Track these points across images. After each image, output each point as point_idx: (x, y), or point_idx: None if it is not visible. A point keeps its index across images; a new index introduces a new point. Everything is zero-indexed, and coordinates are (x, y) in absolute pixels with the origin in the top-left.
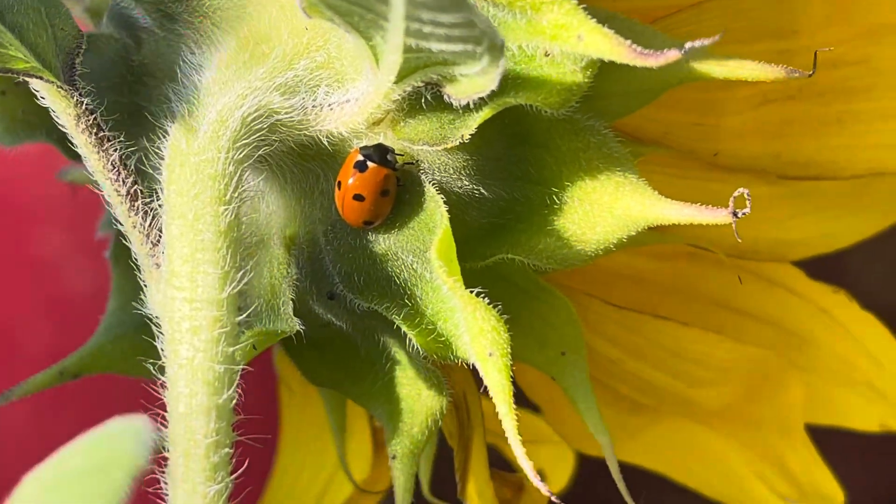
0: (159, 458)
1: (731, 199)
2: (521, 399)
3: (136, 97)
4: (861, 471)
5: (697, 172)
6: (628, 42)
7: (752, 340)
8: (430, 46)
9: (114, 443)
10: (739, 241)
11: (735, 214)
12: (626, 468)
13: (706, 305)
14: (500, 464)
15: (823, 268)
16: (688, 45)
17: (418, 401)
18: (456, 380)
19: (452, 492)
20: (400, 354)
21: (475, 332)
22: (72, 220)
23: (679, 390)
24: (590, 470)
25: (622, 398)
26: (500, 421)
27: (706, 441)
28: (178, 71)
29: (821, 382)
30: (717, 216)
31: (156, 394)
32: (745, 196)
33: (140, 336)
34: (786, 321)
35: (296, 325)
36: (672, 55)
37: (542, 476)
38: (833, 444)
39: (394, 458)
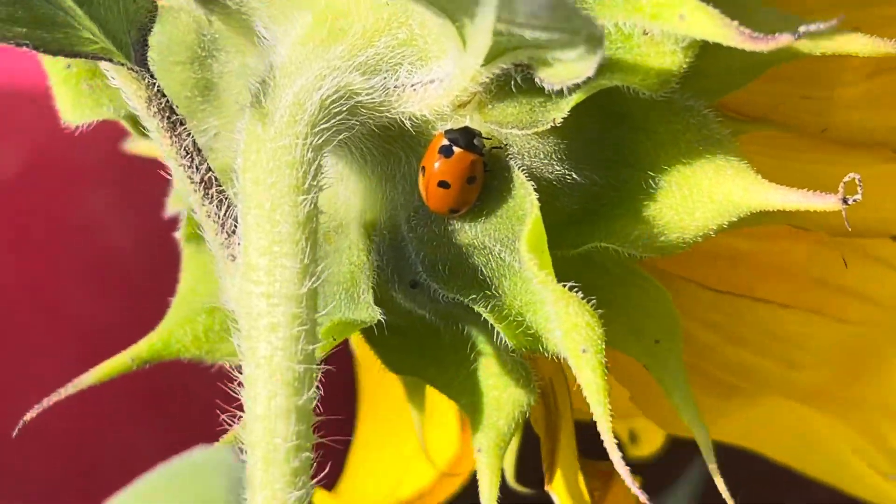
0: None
1: (842, 184)
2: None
3: (207, 73)
4: None
5: (805, 153)
6: (735, 23)
7: (855, 319)
8: (521, 33)
9: (202, 477)
10: (849, 228)
11: (845, 201)
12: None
13: (806, 285)
14: (589, 452)
15: None
16: (802, 28)
17: (504, 393)
18: (542, 365)
19: (538, 479)
20: (485, 344)
21: (568, 327)
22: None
23: (778, 373)
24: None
25: (718, 382)
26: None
27: (804, 418)
28: (252, 48)
29: None
30: (826, 202)
31: (233, 393)
32: (857, 182)
33: (213, 320)
34: (889, 299)
35: (377, 314)
36: (784, 39)
37: (635, 437)
38: None
39: (479, 451)
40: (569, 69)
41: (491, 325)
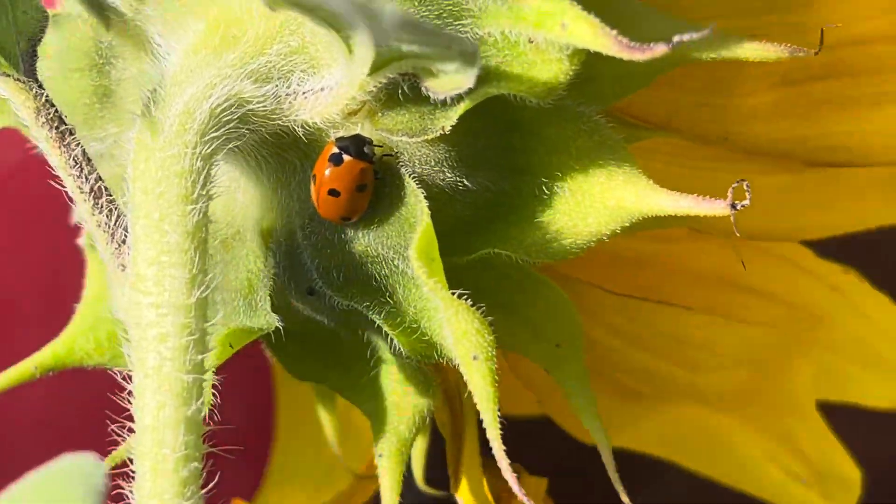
0: (126, 472)
1: (730, 189)
2: None
3: (105, 80)
4: (877, 447)
5: (707, 161)
6: (614, 33)
7: (760, 320)
8: (398, 46)
9: (64, 485)
10: (737, 232)
11: (734, 206)
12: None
13: (711, 285)
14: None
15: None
16: (675, 38)
17: (405, 398)
18: (448, 370)
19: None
20: (385, 350)
21: (458, 334)
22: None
23: (684, 378)
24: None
25: (622, 387)
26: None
27: (713, 424)
28: (146, 56)
29: (833, 360)
30: (714, 207)
31: (123, 405)
32: (745, 188)
33: (116, 327)
34: (796, 299)
35: (274, 321)
36: (659, 49)
37: None
38: (844, 421)
39: (380, 456)
40: (450, 80)
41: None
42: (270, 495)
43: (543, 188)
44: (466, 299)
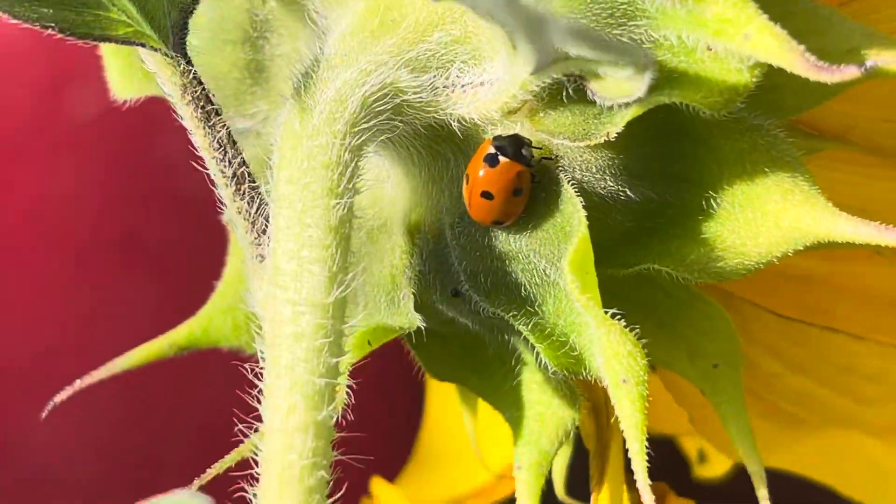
0: (249, 475)
1: None
2: None
3: (258, 54)
4: None
5: (882, 171)
6: (801, 49)
7: None
8: (565, 51)
9: None
10: None
11: None
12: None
13: (885, 311)
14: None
15: None
16: (869, 63)
17: (549, 409)
18: (596, 382)
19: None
20: (530, 359)
21: (609, 355)
22: None
23: (848, 407)
24: None
25: (780, 411)
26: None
27: (876, 453)
28: (301, 33)
29: None
30: None
31: (251, 404)
32: None
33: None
34: None
35: (416, 321)
36: (849, 73)
37: (704, 457)
38: None
39: (519, 468)
40: (619, 86)
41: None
42: (409, 481)
43: (711, 202)
44: (620, 319)
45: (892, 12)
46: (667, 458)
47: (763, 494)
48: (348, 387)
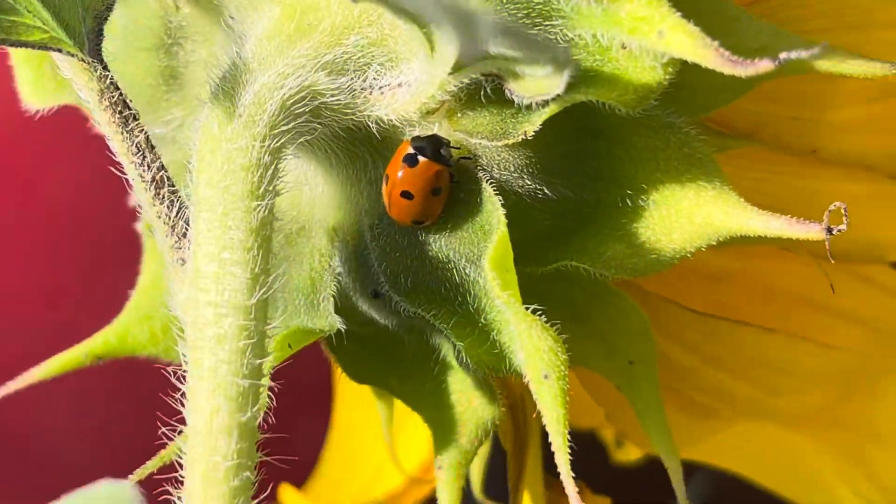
0: (174, 478)
1: (826, 213)
2: None
3: (173, 61)
4: None
5: (792, 170)
6: (715, 44)
7: (844, 343)
8: (486, 49)
9: None
10: (832, 259)
11: (829, 230)
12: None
13: (794, 306)
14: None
15: None
16: (783, 55)
17: (468, 409)
18: (514, 380)
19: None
20: (450, 359)
21: (530, 350)
22: None
23: (760, 399)
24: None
25: (695, 404)
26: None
27: (787, 442)
28: (217, 40)
29: None
30: (809, 231)
31: (175, 407)
32: (843, 211)
33: (172, 318)
34: (881, 323)
35: (336, 323)
36: (764, 65)
37: (622, 442)
38: None
39: (440, 468)
40: (538, 85)
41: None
42: (320, 487)
43: (627, 199)
44: (540, 315)
45: (791, 13)
46: (585, 450)
47: (679, 488)
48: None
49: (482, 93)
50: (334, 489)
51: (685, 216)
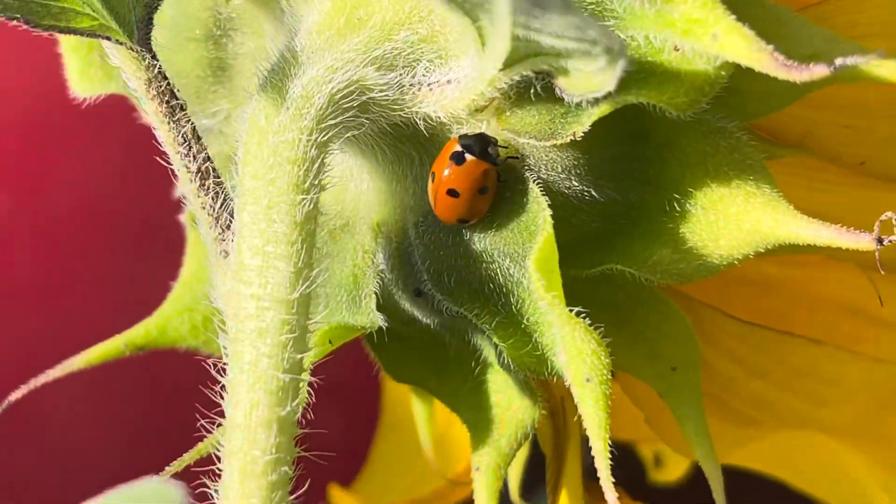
0: (212, 471)
1: (877, 224)
2: None
3: (222, 52)
4: None
5: (841, 181)
6: (770, 48)
7: (891, 355)
8: (539, 40)
9: None
10: (881, 270)
11: (880, 241)
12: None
13: (840, 316)
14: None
15: None
16: (838, 61)
17: (508, 411)
18: (554, 383)
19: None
20: (492, 360)
21: (573, 353)
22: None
23: (805, 410)
24: None
25: (738, 413)
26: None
27: (829, 450)
28: (266, 32)
29: None
30: (859, 241)
31: (214, 399)
32: (894, 221)
33: (213, 310)
34: None
35: (378, 320)
36: (818, 71)
37: (660, 461)
38: None
39: (477, 470)
40: (589, 81)
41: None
42: (365, 487)
43: (674, 204)
44: (584, 318)
45: (846, 18)
46: (621, 464)
47: (720, 496)
48: (309, 385)
49: (532, 91)
50: (383, 488)
51: (733, 222)
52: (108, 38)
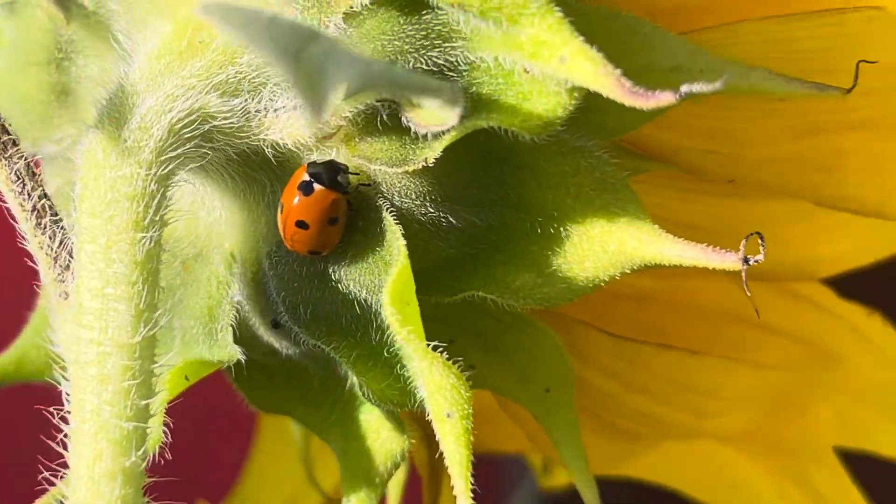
0: None
1: (743, 242)
2: None
3: (64, 76)
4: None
5: (710, 187)
6: (617, 73)
7: (775, 361)
8: (374, 93)
9: None
10: (748, 291)
11: (746, 261)
12: None
13: (720, 324)
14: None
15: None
16: (684, 88)
17: (377, 441)
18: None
19: None
20: (357, 390)
21: (432, 388)
22: None
23: (687, 422)
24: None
25: (619, 429)
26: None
27: (725, 459)
28: (108, 55)
29: (852, 405)
30: (724, 261)
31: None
32: (759, 241)
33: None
34: (814, 339)
35: (236, 354)
36: (665, 98)
37: (548, 467)
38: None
39: (347, 501)
40: (432, 115)
41: None
42: (240, 500)
43: (536, 227)
44: (442, 351)
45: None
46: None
47: None
48: (166, 424)
49: (379, 119)
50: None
51: (598, 244)
52: None
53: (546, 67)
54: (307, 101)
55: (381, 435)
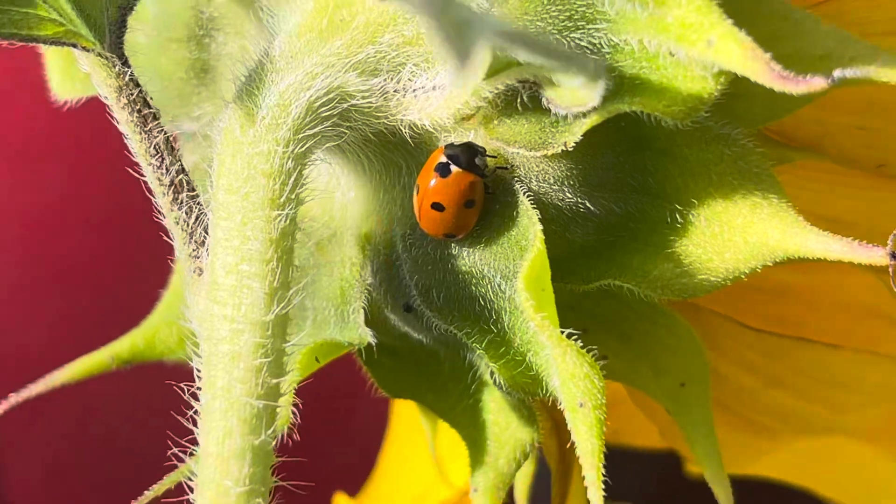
0: (186, 501)
1: (892, 237)
2: None
3: (204, 53)
4: None
5: (857, 180)
6: (767, 57)
7: None
8: (517, 57)
9: None
10: (894, 286)
11: (894, 256)
12: None
13: (859, 318)
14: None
15: None
16: (836, 73)
17: (506, 430)
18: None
19: None
20: (487, 377)
21: (565, 376)
22: None
23: (825, 417)
24: None
25: (755, 424)
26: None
27: (856, 454)
28: (249, 33)
29: None
30: (871, 255)
31: (187, 426)
32: None
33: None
34: None
35: (367, 337)
36: (816, 83)
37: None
38: None
39: (475, 490)
40: (574, 95)
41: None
42: (373, 495)
43: (676, 215)
44: (577, 339)
45: (861, 15)
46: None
47: None
48: (294, 405)
49: (519, 100)
50: (391, 497)
51: (739, 234)
52: (74, 46)
53: (692, 51)
54: (452, 52)
55: (510, 423)
